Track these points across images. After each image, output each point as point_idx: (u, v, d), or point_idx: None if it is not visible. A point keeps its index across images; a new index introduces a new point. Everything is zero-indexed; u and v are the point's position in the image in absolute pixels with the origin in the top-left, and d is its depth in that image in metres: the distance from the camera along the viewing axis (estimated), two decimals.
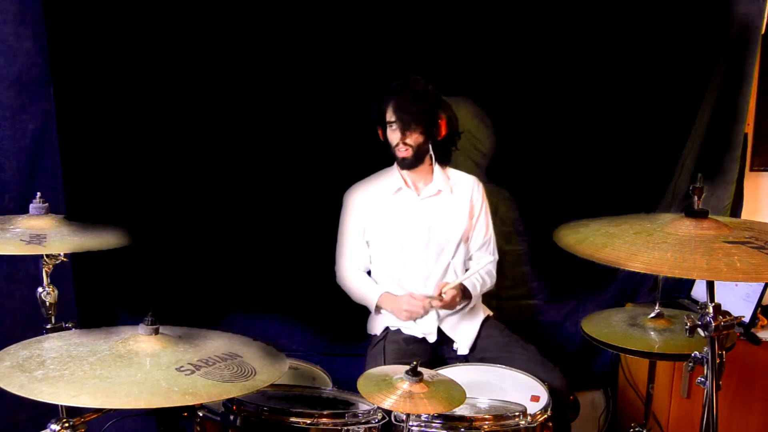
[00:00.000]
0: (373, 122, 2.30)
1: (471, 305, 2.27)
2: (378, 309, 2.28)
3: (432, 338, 2.22)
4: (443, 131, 2.27)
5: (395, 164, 2.32)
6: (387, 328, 2.25)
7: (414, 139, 2.21)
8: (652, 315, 1.85)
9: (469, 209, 2.31)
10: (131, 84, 2.39)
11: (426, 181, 2.30)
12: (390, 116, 2.22)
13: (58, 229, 1.60)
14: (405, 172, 2.29)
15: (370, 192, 2.32)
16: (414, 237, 2.25)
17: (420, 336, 2.22)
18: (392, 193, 2.28)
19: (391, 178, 2.31)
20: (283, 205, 2.51)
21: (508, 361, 2.07)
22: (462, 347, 2.22)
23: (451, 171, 2.37)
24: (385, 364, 2.06)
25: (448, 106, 2.30)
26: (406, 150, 2.22)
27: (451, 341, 2.23)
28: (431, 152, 2.28)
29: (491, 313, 2.35)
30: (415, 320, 2.20)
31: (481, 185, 2.37)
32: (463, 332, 2.23)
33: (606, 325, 1.87)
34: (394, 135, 2.23)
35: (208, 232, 2.51)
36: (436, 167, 2.30)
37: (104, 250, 1.60)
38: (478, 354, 2.20)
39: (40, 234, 1.55)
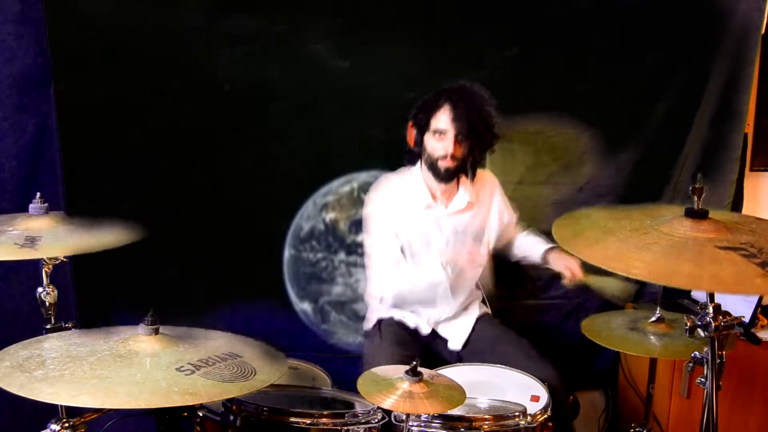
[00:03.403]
0: (403, 123, 2.14)
1: (468, 303, 2.26)
2: None
3: (424, 331, 2.21)
4: (490, 147, 2.12)
5: (419, 172, 2.15)
6: (380, 319, 2.24)
7: (462, 152, 2.05)
8: (653, 319, 1.84)
9: (498, 212, 2.25)
10: (131, 83, 2.39)
11: (451, 193, 2.16)
12: (442, 123, 2.02)
13: (54, 230, 1.59)
14: (435, 184, 2.14)
15: (400, 205, 2.15)
16: (439, 252, 2.16)
17: (412, 326, 2.21)
18: (422, 209, 2.14)
19: (418, 189, 2.15)
20: (282, 203, 2.52)
21: (499, 354, 2.06)
22: (454, 343, 2.20)
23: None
24: (380, 339, 2.07)
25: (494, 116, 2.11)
26: (453, 162, 2.04)
27: (444, 338, 2.22)
28: (467, 166, 2.11)
29: (488, 311, 2.34)
30: None
31: (494, 178, 2.29)
32: (456, 330, 2.22)
33: (606, 329, 1.87)
34: (439, 144, 2.04)
35: (208, 232, 2.51)
36: (464, 179, 2.16)
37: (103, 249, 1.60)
38: (470, 347, 2.19)
39: (35, 237, 1.54)
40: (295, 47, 2.40)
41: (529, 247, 2.31)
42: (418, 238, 2.16)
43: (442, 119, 2.02)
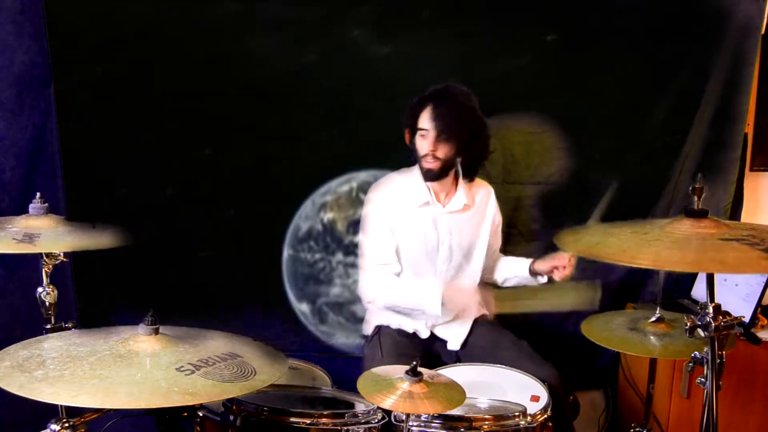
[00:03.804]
0: (400, 124, 2.15)
1: (464, 308, 2.26)
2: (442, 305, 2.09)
3: (423, 335, 2.21)
4: (480, 148, 2.13)
5: (418, 171, 2.16)
6: (379, 326, 2.24)
7: (444, 152, 2.06)
8: (653, 319, 1.84)
9: (492, 220, 2.27)
10: (131, 83, 2.39)
11: (449, 194, 2.18)
12: (424, 123, 2.05)
13: (54, 230, 1.59)
14: (429, 183, 2.15)
15: (398, 203, 2.16)
16: (435, 250, 2.17)
17: (411, 331, 2.21)
18: (418, 206, 2.15)
19: (416, 188, 2.16)
20: (281, 204, 2.52)
21: (498, 355, 2.06)
22: (453, 344, 2.20)
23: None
24: (382, 356, 2.05)
25: (485, 120, 2.14)
26: (434, 162, 2.06)
27: (443, 339, 2.22)
28: (458, 167, 2.13)
29: (486, 312, 2.33)
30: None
31: (492, 191, 2.31)
32: (454, 332, 2.22)
33: (605, 329, 1.87)
34: (423, 143, 2.07)
35: (208, 232, 2.51)
36: (462, 181, 2.18)
37: (103, 249, 1.60)
38: (469, 350, 2.19)
39: (34, 233, 1.54)
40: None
41: (514, 265, 2.34)
42: (414, 239, 2.16)
43: (425, 119, 2.06)
